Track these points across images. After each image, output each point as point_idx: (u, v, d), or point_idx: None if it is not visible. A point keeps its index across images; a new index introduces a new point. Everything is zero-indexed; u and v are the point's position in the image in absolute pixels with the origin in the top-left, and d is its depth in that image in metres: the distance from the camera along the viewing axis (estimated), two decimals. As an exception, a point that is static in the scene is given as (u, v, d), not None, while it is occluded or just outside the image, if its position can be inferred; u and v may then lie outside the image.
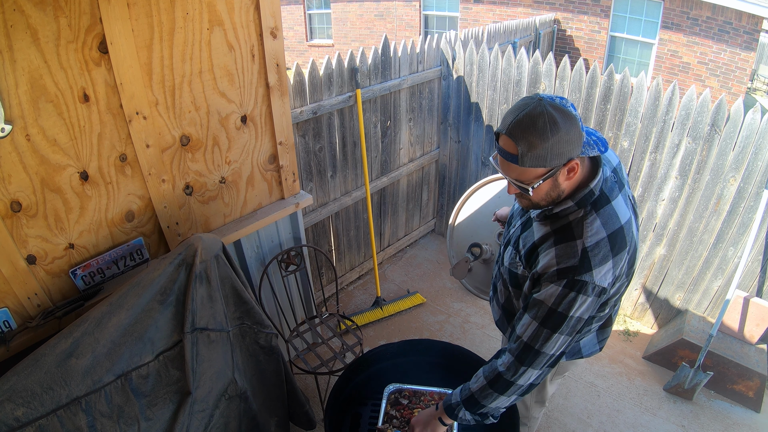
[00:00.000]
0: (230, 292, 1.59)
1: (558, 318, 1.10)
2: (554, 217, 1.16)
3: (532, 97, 1.02)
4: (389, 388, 1.54)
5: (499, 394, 1.19)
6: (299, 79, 2.35)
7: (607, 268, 1.08)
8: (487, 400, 1.21)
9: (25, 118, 1.24)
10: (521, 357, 1.15)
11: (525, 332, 1.14)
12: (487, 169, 3.37)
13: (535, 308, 1.13)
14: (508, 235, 1.39)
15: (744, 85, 6.74)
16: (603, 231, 1.09)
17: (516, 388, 1.18)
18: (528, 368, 1.15)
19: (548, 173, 1.04)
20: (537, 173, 1.05)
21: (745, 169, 2.27)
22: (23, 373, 1.15)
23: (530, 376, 1.17)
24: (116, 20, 1.33)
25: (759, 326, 2.41)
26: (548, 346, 1.13)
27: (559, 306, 1.09)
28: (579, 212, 1.12)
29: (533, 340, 1.13)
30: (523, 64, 2.87)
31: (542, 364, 1.16)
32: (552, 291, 1.09)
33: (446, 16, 9.14)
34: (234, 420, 1.64)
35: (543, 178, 1.05)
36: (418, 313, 3.10)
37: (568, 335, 1.13)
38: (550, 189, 1.09)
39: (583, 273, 1.07)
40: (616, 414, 2.39)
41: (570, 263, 1.08)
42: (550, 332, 1.11)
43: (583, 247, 1.08)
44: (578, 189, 1.12)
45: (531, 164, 1.02)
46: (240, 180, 1.90)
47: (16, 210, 1.31)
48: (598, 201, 1.12)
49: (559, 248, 1.10)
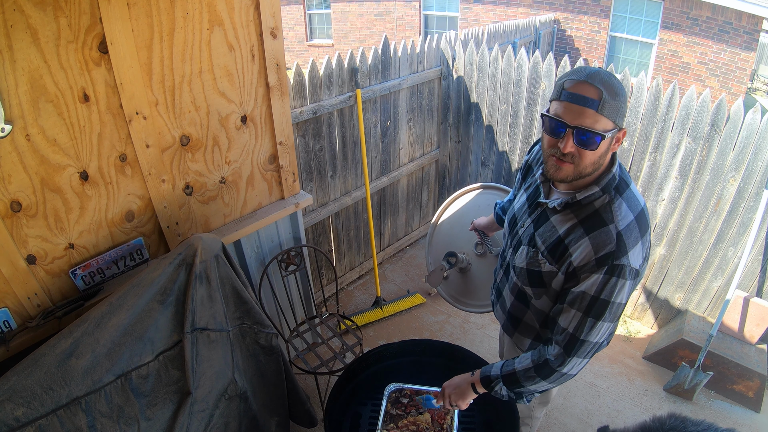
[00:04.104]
0: (230, 292, 1.59)
1: (601, 305, 1.10)
2: (577, 206, 1.15)
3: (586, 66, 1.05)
4: (390, 387, 1.54)
5: (542, 379, 1.21)
6: (299, 79, 2.35)
7: (638, 250, 1.09)
8: (528, 382, 1.22)
9: (25, 118, 1.24)
10: (568, 347, 1.16)
11: (570, 324, 1.15)
12: (487, 170, 3.37)
13: (578, 300, 1.13)
14: (515, 236, 1.36)
15: (744, 85, 6.74)
16: (630, 214, 1.10)
17: (559, 376, 1.19)
18: (573, 357, 1.16)
19: (613, 131, 1.05)
20: (608, 126, 1.03)
21: (745, 169, 2.27)
22: (23, 373, 1.15)
23: (574, 365, 1.18)
24: (116, 20, 1.33)
25: (759, 326, 2.41)
26: (593, 334, 1.14)
27: (602, 293, 1.09)
28: (605, 198, 1.12)
29: (578, 330, 1.14)
30: (523, 64, 2.87)
31: (587, 353, 1.17)
32: (594, 280, 1.10)
33: (446, 16, 9.14)
34: (234, 420, 1.64)
35: (611, 133, 1.04)
36: (418, 313, 3.09)
37: (611, 322, 1.14)
38: (604, 152, 1.08)
39: (621, 257, 1.07)
40: (616, 414, 2.39)
41: (608, 249, 1.08)
42: (594, 320, 1.12)
43: (617, 231, 1.08)
44: (603, 174, 1.13)
45: (608, 114, 1.02)
46: (240, 180, 1.90)
47: (16, 210, 1.31)
48: (619, 186, 1.13)
49: (593, 236, 1.10)
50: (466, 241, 1.99)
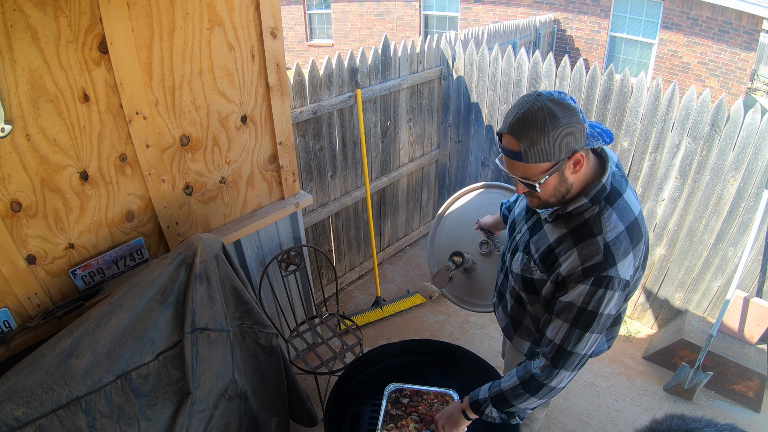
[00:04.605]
0: (230, 292, 1.59)
1: (588, 317, 1.09)
2: (567, 217, 1.15)
3: (531, 94, 1.03)
4: (390, 387, 1.54)
5: (531, 395, 1.19)
6: (299, 79, 2.35)
7: (629, 261, 1.09)
8: (517, 400, 1.21)
9: (25, 118, 1.24)
10: (555, 360, 1.14)
11: (557, 335, 1.14)
12: (487, 170, 3.37)
13: (565, 311, 1.12)
14: (512, 241, 1.37)
15: (744, 85, 6.74)
16: (621, 224, 1.09)
17: (548, 390, 1.18)
18: (561, 370, 1.15)
19: (553, 167, 1.04)
20: (542, 168, 1.05)
21: (745, 169, 2.27)
22: (23, 373, 1.15)
23: (563, 378, 1.16)
24: (116, 20, 1.33)
25: (759, 326, 2.41)
26: (580, 346, 1.12)
27: (589, 305, 1.08)
28: (594, 208, 1.11)
29: (565, 341, 1.12)
30: (523, 64, 2.87)
31: (575, 365, 1.15)
32: (580, 291, 1.09)
33: (446, 16, 9.14)
34: (234, 420, 1.64)
35: (549, 173, 1.05)
36: (418, 313, 3.09)
37: (599, 333, 1.13)
38: (557, 184, 1.08)
39: (608, 268, 1.06)
40: (616, 414, 2.39)
41: (594, 261, 1.07)
42: (582, 332, 1.11)
43: (605, 242, 1.07)
44: (590, 185, 1.12)
45: (535, 160, 1.02)
46: (240, 180, 1.90)
47: (16, 210, 1.31)
48: (611, 195, 1.12)
49: (580, 247, 1.10)
50: (469, 241, 1.99)
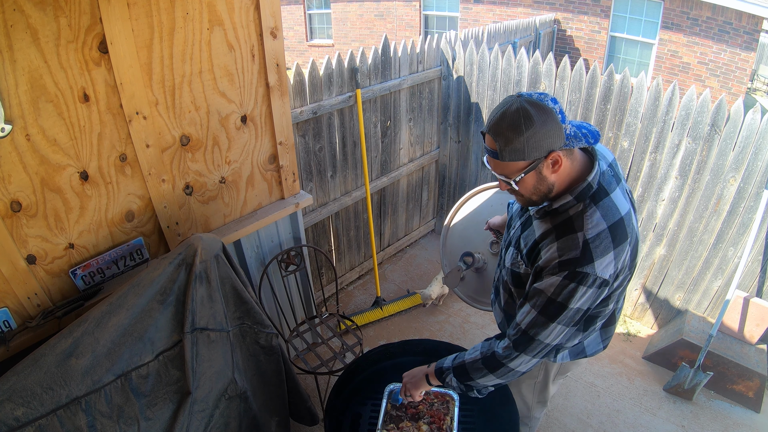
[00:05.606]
0: (230, 292, 1.59)
1: (556, 308, 1.12)
2: (554, 213, 1.17)
3: (512, 96, 1.08)
4: (390, 387, 1.54)
5: (489, 372, 1.23)
6: (299, 79, 2.35)
7: (609, 260, 1.09)
8: (476, 375, 1.25)
9: (25, 118, 1.24)
10: (517, 343, 1.19)
11: (524, 320, 1.17)
12: (486, 170, 3.37)
13: (535, 297, 1.15)
14: (508, 237, 1.40)
15: (744, 85, 6.74)
16: (603, 223, 1.10)
17: (506, 371, 1.22)
18: (521, 354, 1.19)
19: (529, 166, 1.08)
20: (518, 167, 1.09)
21: (745, 170, 2.27)
22: (23, 373, 1.15)
23: (522, 362, 1.20)
24: (116, 20, 1.33)
25: (759, 326, 2.41)
26: (544, 334, 1.15)
27: (559, 296, 1.11)
28: (578, 206, 1.13)
29: (530, 327, 1.16)
30: (523, 64, 2.87)
31: (536, 352, 1.18)
32: (552, 281, 1.11)
33: (446, 16, 9.14)
34: (234, 420, 1.64)
35: (525, 171, 1.09)
36: (418, 313, 3.09)
37: (565, 326, 1.15)
38: (536, 182, 1.12)
39: (584, 265, 1.08)
40: (616, 414, 2.39)
41: (571, 255, 1.09)
42: (548, 321, 1.13)
43: (584, 239, 1.09)
44: (575, 183, 1.14)
45: (510, 158, 1.07)
46: (240, 180, 1.90)
47: (16, 210, 1.31)
48: (596, 194, 1.13)
49: (560, 242, 1.12)
50: (480, 242, 2.01)
